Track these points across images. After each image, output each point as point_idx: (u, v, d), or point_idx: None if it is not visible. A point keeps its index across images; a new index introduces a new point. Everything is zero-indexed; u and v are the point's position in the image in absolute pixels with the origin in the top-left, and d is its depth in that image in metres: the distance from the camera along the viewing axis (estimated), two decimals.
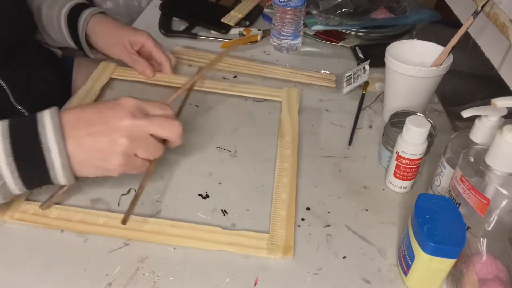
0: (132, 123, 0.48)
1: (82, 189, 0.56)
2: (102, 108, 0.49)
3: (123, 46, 0.73)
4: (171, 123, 0.51)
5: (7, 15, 0.67)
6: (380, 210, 0.57)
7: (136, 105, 0.49)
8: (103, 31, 0.74)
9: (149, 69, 0.74)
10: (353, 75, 0.77)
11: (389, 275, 0.49)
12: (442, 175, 0.55)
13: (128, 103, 0.49)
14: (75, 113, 0.48)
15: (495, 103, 0.45)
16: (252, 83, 0.80)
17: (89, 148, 0.47)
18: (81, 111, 0.49)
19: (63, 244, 0.50)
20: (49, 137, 0.45)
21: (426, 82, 0.65)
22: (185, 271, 0.48)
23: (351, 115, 0.73)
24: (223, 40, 0.91)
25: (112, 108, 0.49)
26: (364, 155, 0.66)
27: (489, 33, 0.60)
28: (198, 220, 0.54)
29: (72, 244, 0.50)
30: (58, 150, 0.45)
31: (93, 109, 0.49)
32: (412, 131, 0.54)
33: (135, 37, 0.73)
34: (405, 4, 0.97)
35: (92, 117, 0.48)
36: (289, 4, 0.85)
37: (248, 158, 0.63)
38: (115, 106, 0.49)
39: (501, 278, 0.44)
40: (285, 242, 0.51)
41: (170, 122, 0.51)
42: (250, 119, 0.71)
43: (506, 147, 0.43)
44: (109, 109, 0.49)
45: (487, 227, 0.48)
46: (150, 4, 1.08)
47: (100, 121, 0.48)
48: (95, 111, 0.49)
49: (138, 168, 0.51)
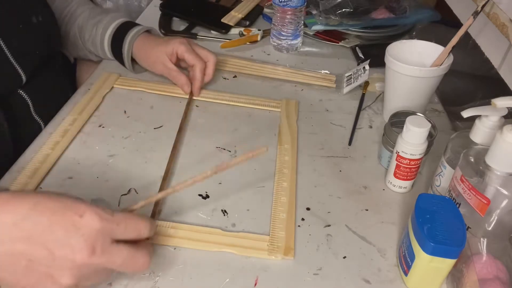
0: (86, 262, 0.37)
1: (82, 189, 0.56)
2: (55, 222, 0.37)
3: (161, 63, 0.73)
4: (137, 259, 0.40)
5: (43, 34, 0.68)
6: (380, 210, 0.57)
7: (101, 230, 0.38)
8: (143, 54, 0.75)
9: (186, 86, 0.74)
10: (353, 75, 0.77)
11: (389, 275, 0.49)
12: (442, 175, 0.55)
13: (89, 227, 0.37)
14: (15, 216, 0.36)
15: (495, 103, 0.45)
16: (251, 84, 0.80)
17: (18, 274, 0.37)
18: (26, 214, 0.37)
19: None
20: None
21: (426, 82, 0.65)
22: (185, 271, 0.48)
23: (351, 115, 0.74)
24: (223, 40, 0.91)
25: (66, 228, 0.37)
26: (364, 155, 0.66)
27: (489, 33, 0.60)
28: (198, 220, 0.54)
29: None
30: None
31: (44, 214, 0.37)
32: (412, 131, 0.54)
33: (168, 48, 0.73)
34: (405, 4, 0.97)
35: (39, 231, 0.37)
36: (289, 4, 0.85)
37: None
38: (72, 227, 0.37)
39: (501, 278, 0.44)
40: (286, 244, 0.51)
41: (137, 258, 0.40)
42: (250, 119, 0.71)
43: (506, 147, 0.43)
44: (62, 228, 0.37)
45: (487, 227, 0.48)
46: (150, 4, 1.08)
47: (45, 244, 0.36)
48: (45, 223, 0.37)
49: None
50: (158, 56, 0.73)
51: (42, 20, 0.67)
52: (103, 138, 0.65)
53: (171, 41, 0.73)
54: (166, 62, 0.73)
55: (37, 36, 0.67)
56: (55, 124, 0.66)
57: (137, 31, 0.75)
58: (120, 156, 0.62)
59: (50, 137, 0.63)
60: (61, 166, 0.59)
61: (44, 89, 0.70)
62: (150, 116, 0.70)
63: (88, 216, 0.37)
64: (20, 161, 0.59)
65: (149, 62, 0.75)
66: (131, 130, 0.67)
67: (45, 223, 0.37)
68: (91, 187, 0.57)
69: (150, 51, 0.74)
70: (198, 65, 0.73)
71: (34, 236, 0.36)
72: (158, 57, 0.73)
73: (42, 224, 0.37)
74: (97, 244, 0.37)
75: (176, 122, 0.68)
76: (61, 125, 0.65)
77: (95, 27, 0.77)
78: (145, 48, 0.74)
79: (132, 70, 0.78)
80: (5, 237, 0.36)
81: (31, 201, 0.37)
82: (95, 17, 0.78)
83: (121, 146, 0.64)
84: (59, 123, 0.66)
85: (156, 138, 0.65)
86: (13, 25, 0.62)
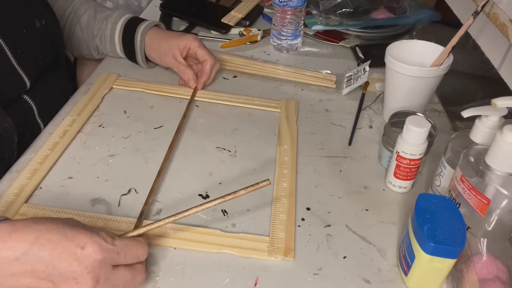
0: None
1: (83, 189, 0.56)
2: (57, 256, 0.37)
3: (172, 55, 0.74)
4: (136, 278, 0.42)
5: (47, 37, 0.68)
6: (380, 210, 0.57)
7: (103, 260, 0.39)
8: (155, 44, 0.76)
9: (193, 81, 0.75)
10: (353, 76, 0.77)
11: (389, 275, 0.49)
12: (442, 175, 0.55)
13: (93, 258, 0.38)
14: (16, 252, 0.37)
15: (495, 103, 0.45)
16: (251, 85, 0.80)
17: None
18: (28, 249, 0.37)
19: None
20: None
21: (426, 82, 0.65)
22: (185, 271, 0.48)
23: (351, 115, 0.73)
24: (223, 40, 0.91)
25: (68, 261, 0.37)
26: (364, 155, 0.66)
27: (489, 33, 0.60)
28: (198, 220, 0.54)
29: None
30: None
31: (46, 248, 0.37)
32: (412, 131, 0.54)
33: (181, 42, 0.74)
34: (405, 4, 0.97)
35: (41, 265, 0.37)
36: (289, 4, 0.85)
37: (248, 158, 0.63)
38: (74, 261, 0.37)
39: (501, 278, 0.44)
40: (286, 245, 0.51)
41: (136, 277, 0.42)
42: (250, 119, 0.71)
43: (506, 147, 0.43)
44: (65, 262, 0.37)
45: (487, 227, 0.48)
46: (150, 4, 1.08)
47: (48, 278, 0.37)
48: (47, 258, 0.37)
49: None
50: (170, 48, 0.74)
51: (45, 24, 0.67)
52: (103, 138, 0.65)
53: (184, 36, 0.75)
54: (177, 56, 0.74)
55: (41, 40, 0.67)
56: (55, 125, 0.66)
57: (149, 24, 0.77)
58: (120, 156, 0.62)
59: (50, 138, 0.63)
60: (61, 166, 0.59)
61: (48, 93, 0.70)
62: (150, 116, 0.70)
63: (90, 248, 0.38)
64: (20, 161, 0.59)
65: (160, 53, 0.75)
66: (131, 130, 0.66)
67: (48, 258, 0.37)
68: (91, 187, 0.57)
69: (163, 41, 0.75)
70: (210, 61, 0.74)
71: (38, 271, 0.37)
72: (170, 49, 0.74)
73: (44, 258, 0.37)
74: (100, 274, 0.38)
75: (176, 122, 0.68)
76: (60, 125, 0.65)
77: (105, 21, 0.77)
78: (158, 38, 0.75)
79: (145, 62, 0.78)
80: (9, 272, 0.37)
81: (32, 235, 0.38)
82: (103, 12, 0.79)
83: (121, 146, 0.64)
84: (58, 123, 0.66)
85: (156, 138, 0.65)
86: (17, 30, 0.62)
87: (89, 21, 0.78)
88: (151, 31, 0.76)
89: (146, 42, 0.76)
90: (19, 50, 0.61)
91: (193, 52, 0.75)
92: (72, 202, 0.54)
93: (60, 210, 0.53)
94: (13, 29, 0.61)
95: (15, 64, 0.61)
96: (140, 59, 0.78)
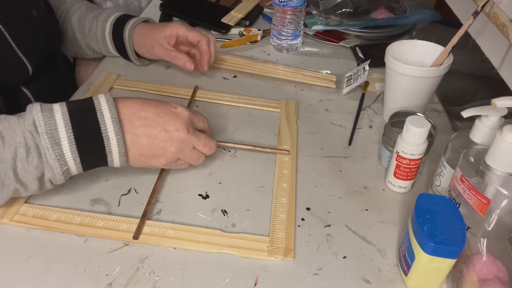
0: (185, 138, 0.53)
1: (83, 189, 0.56)
2: (160, 112, 0.52)
3: (159, 45, 0.73)
4: (211, 143, 0.57)
5: (44, 27, 0.68)
6: (380, 210, 0.57)
7: (189, 119, 0.54)
8: (141, 39, 0.75)
9: (189, 63, 0.73)
10: (353, 76, 0.77)
11: (389, 275, 0.49)
12: (442, 175, 0.55)
13: (183, 114, 0.54)
14: (132, 109, 0.52)
15: (495, 103, 0.45)
16: (251, 84, 0.80)
17: (143, 148, 0.52)
18: (139, 109, 0.52)
19: (63, 245, 0.50)
20: (109, 128, 0.49)
21: (426, 82, 0.65)
22: (185, 271, 0.48)
23: (351, 115, 0.74)
24: (223, 40, 0.91)
25: (169, 115, 0.53)
26: (364, 155, 0.66)
27: (489, 33, 0.60)
28: (198, 220, 0.54)
29: (72, 244, 0.50)
30: (117, 140, 0.50)
31: (151, 108, 0.52)
32: (412, 131, 0.54)
33: (166, 31, 0.73)
34: (405, 4, 0.97)
35: (151, 118, 0.52)
36: (289, 4, 0.85)
37: (248, 158, 0.63)
38: (172, 114, 0.53)
39: (501, 278, 0.44)
40: (286, 245, 0.51)
41: (211, 142, 0.57)
42: (250, 119, 0.71)
43: (506, 147, 0.43)
44: (167, 115, 0.52)
45: (487, 227, 0.48)
46: (150, 4, 1.08)
47: (159, 126, 0.52)
48: (154, 113, 0.52)
49: (177, 167, 0.58)
50: (155, 39, 0.73)
51: (41, 13, 0.67)
52: None
53: (168, 24, 0.74)
54: (163, 44, 0.73)
55: (38, 29, 0.67)
56: None
57: (137, 20, 0.76)
58: None
59: None
60: None
61: (47, 87, 0.71)
62: None
63: (180, 108, 0.54)
64: None
65: (146, 47, 0.75)
66: None
67: (154, 112, 0.52)
68: (91, 187, 0.57)
69: (148, 34, 0.74)
70: (204, 39, 0.74)
71: (149, 121, 0.52)
72: (155, 40, 0.73)
73: (152, 113, 0.52)
74: (189, 127, 0.54)
75: None
76: None
77: (95, 20, 0.77)
78: (143, 32, 0.75)
79: (136, 59, 0.78)
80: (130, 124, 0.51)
81: (139, 100, 0.53)
82: (93, 11, 0.79)
83: None
84: None
85: None
86: (15, 17, 0.62)
87: (80, 20, 0.78)
88: (138, 26, 0.75)
89: (134, 38, 0.75)
90: (19, 36, 0.61)
91: (184, 37, 0.74)
92: (72, 202, 0.54)
93: (60, 210, 0.53)
94: (11, 16, 0.61)
95: (16, 50, 0.61)
96: (132, 56, 0.78)
